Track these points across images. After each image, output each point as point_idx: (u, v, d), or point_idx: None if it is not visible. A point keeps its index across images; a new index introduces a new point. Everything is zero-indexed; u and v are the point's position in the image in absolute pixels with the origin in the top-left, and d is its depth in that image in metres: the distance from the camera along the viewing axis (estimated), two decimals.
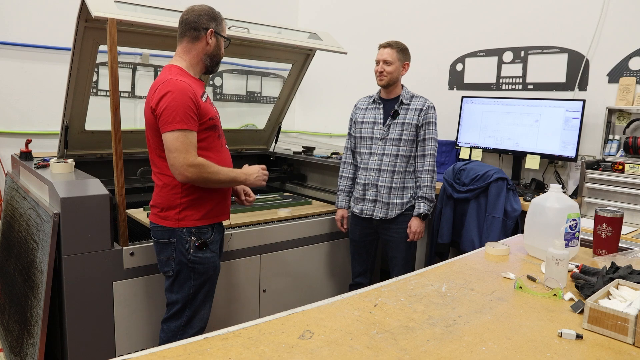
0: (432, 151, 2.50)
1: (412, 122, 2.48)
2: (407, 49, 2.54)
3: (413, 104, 2.50)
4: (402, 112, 2.50)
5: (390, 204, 2.52)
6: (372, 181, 2.54)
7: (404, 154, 2.50)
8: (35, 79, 3.42)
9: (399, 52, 2.48)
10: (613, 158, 2.76)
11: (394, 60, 2.47)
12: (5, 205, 2.81)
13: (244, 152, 3.65)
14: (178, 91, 1.75)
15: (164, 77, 1.81)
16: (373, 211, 2.56)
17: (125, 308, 2.13)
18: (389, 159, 2.51)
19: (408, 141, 2.49)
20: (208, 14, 1.90)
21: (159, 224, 1.91)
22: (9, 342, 2.41)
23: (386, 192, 2.51)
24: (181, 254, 1.89)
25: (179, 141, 1.75)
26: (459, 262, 1.68)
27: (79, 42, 2.38)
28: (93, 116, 2.77)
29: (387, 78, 2.48)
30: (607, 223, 1.70)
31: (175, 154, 1.75)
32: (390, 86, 2.52)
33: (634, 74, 2.81)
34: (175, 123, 1.74)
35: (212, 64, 1.95)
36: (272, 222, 2.65)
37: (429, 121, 2.49)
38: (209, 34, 1.88)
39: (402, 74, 2.53)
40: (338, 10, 4.55)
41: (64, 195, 1.93)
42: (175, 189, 1.86)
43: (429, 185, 2.49)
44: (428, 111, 2.49)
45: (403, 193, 2.52)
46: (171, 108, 1.74)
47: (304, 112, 4.95)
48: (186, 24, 1.88)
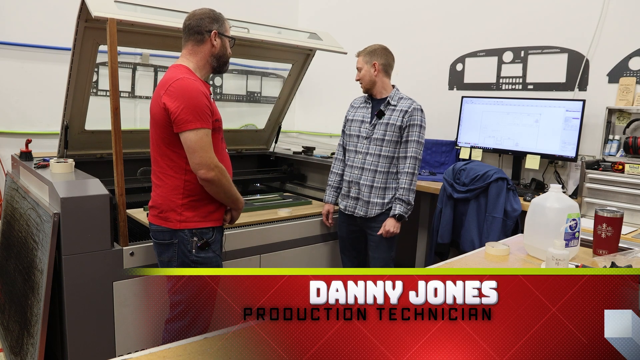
0: (413, 154, 2.48)
1: (396, 123, 2.48)
2: (375, 50, 2.54)
3: (400, 105, 2.51)
4: (388, 113, 2.52)
5: (370, 202, 2.54)
6: (355, 179, 2.57)
7: (386, 155, 2.51)
8: (35, 79, 3.42)
9: (365, 55, 2.55)
10: (613, 158, 2.76)
11: (362, 65, 2.55)
12: (5, 205, 2.81)
13: (244, 152, 3.65)
14: (195, 90, 1.76)
15: (175, 75, 1.80)
16: (355, 208, 2.59)
17: (125, 308, 2.13)
18: (372, 158, 2.53)
19: (391, 142, 2.50)
20: (210, 16, 1.91)
21: (160, 225, 1.90)
22: (9, 342, 2.41)
23: (367, 190, 2.54)
24: (183, 254, 1.89)
25: (203, 140, 1.76)
26: (459, 262, 1.68)
27: (79, 42, 2.38)
28: (93, 116, 2.76)
29: (363, 83, 2.57)
30: (607, 223, 1.70)
31: (201, 153, 1.76)
32: (372, 89, 2.56)
33: (634, 74, 2.81)
34: (196, 121, 1.74)
35: (220, 64, 1.96)
36: (272, 222, 2.65)
37: (413, 123, 2.47)
38: (213, 36, 1.89)
39: (375, 74, 2.53)
40: (338, 10, 4.54)
41: (64, 195, 1.93)
42: (177, 190, 1.85)
43: (405, 188, 2.48)
44: (413, 113, 2.47)
45: (384, 193, 2.53)
46: (191, 106, 1.74)
47: (304, 112, 4.95)
48: (189, 29, 1.89)
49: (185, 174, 1.84)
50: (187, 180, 1.85)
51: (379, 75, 2.53)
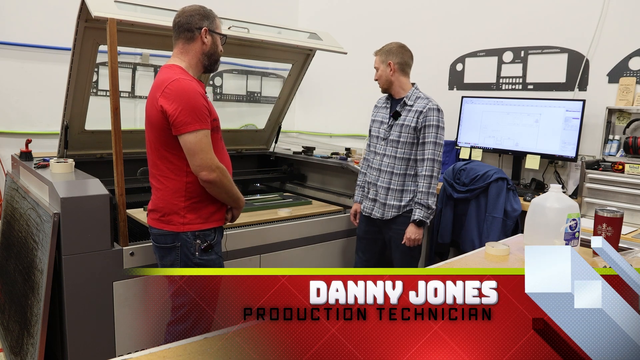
0: (431, 155, 2.41)
1: (411, 124, 2.43)
2: (391, 49, 2.50)
3: (415, 106, 2.45)
4: (404, 114, 2.47)
5: (386, 204, 2.50)
6: (373, 180, 2.55)
7: (402, 156, 2.46)
8: (35, 79, 3.42)
9: (381, 55, 2.51)
10: (613, 158, 2.76)
11: (379, 64, 2.51)
12: (5, 205, 2.81)
13: (244, 152, 3.65)
14: (192, 90, 1.74)
15: (169, 76, 1.76)
16: (372, 210, 2.56)
17: (125, 308, 2.13)
18: (388, 160, 2.49)
19: (407, 143, 2.45)
20: (199, 13, 1.86)
21: (162, 229, 1.87)
22: (9, 342, 2.41)
23: (384, 192, 2.50)
24: (186, 257, 1.87)
25: (203, 142, 1.74)
26: (459, 262, 1.68)
27: (79, 42, 2.38)
28: (93, 116, 2.76)
29: (380, 83, 2.53)
30: (607, 223, 1.70)
31: (202, 155, 1.74)
32: (390, 88, 2.52)
33: (634, 74, 2.81)
34: (195, 123, 1.72)
35: (211, 63, 1.92)
36: (272, 222, 2.65)
37: (429, 124, 2.41)
38: (204, 33, 1.84)
39: (390, 73, 2.48)
40: (338, 10, 4.55)
41: (64, 195, 1.93)
42: (178, 192, 1.83)
43: (423, 192, 2.41)
44: (428, 113, 2.41)
45: (402, 196, 2.48)
46: (189, 108, 1.71)
47: (304, 112, 4.95)
48: (179, 27, 1.85)
49: (186, 176, 1.82)
50: (189, 182, 1.83)
51: (395, 75, 2.48)
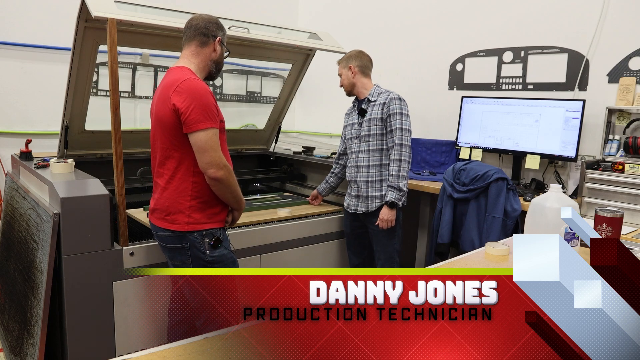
0: (399, 141, 2.55)
1: (377, 116, 2.59)
2: (351, 54, 2.70)
3: (379, 100, 2.61)
4: (369, 109, 2.63)
5: (369, 197, 2.64)
6: (353, 177, 2.70)
7: (374, 148, 2.62)
8: (35, 79, 3.42)
9: (342, 62, 2.71)
10: (613, 158, 2.76)
11: (341, 70, 2.70)
12: (5, 205, 2.81)
13: (244, 152, 3.66)
14: (203, 89, 1.79)
15: (180, 77, 1.80)
16: (357, 206, 2.70)
17: (125, 308, 2.13)
18: (363, 155, 2.65)
19: (377, 135, 2.60)
20: (217, 23, 1.96)
21: (169, 229, 1.89)
22: (9, 342, 2.41)
23: (364, 186, 2.64)
24: (197, 257, 1.88)
25: (212, 140, 1.78)
26: (458, 262, 1.68)
27: (79, 42, 2.38)
28: (93, 116, 2.76)
29: (344, 87, 2.71)
30: (607, 223, 1.70)
31: (211, 152, 1.78)
32: (353, 90, 2.69)
33: (634, 74, 2.81)
34: (206, 121, 1.76)
35: (216, 70, 2.00)
36: (272, 222, 2.65)
37: (394, 112, 2.56)
38: (217, 42, 1.93)
39: (352, 76, 2.66)
40: (338, 10, 4.55)
41: (64, 195, 1.93)
42: (185, 192, 1.85)
43: (394, 175, 2.55)
44: (390, 103, 2.56)
45: (381, 186, 2.62)
46: (201, 106, 1.76)
47: (304, 112, 4.95)
48: (196, 29, 1.91)
49: (193, 176, 1.85)
50: (195, 182, 1.85)
51: (356, 77, 2.66)
